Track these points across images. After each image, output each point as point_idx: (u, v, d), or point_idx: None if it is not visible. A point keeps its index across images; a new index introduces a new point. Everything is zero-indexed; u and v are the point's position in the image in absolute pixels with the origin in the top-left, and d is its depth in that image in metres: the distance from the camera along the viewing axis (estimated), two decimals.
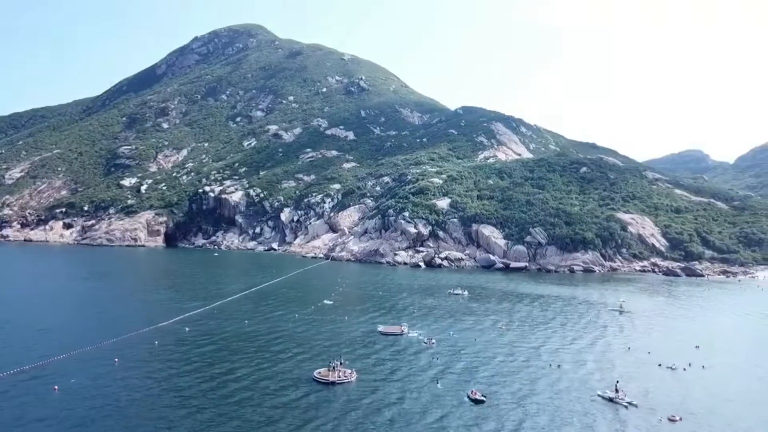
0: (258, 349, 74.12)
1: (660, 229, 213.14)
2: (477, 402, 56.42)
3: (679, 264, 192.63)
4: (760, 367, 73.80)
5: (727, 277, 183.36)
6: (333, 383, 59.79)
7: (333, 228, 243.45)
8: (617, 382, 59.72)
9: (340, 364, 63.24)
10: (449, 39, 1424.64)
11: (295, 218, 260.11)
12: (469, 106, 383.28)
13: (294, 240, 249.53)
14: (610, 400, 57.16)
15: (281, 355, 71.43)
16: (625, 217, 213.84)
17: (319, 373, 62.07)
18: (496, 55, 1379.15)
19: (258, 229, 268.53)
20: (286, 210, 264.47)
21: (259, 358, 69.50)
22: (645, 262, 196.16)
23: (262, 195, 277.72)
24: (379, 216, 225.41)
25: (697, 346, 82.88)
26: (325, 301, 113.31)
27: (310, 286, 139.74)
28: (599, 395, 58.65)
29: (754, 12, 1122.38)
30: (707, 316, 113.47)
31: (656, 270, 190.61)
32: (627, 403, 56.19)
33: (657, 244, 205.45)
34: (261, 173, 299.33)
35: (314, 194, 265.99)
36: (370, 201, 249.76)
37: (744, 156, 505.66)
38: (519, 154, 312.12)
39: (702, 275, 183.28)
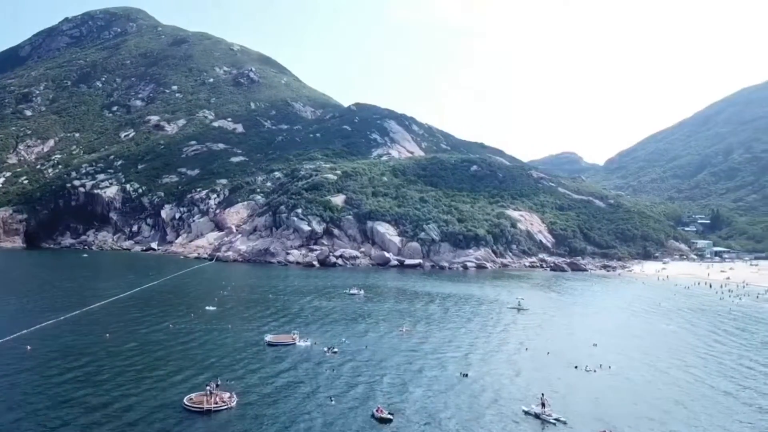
0: (119, 370, 61.88)
1: (546, 226, 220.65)
2: (383, 421, 49.15)
3: (564, 259, 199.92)
4: (661, 364, 72.55)
5: (608, 271, 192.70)
6: (208, 411, 49.64)
7: (219, 226, 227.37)
8: (542, 395, 53.84)
9: (217, 386, 53.11)
10: (341, 35, 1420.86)
11: (177, 215, 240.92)
12: (363, 104, 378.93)
13: (176, 239, 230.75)
14: (537, 416, 51.64)
15: (147, 377, 59.71)
16: (515, 214, 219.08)
17: (191, 399, 51.56)
18: (386, 55, 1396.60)
19: (135, 228, 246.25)
20: (167, 206, 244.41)
21: (119, 382, 57.46)
22: (534, 258, 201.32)
23: (140, 190, 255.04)
24: (270, 213, 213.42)
25: (595, 344, 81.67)
26: (207, 308, 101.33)
27: (191, 290, 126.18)
28: (524, 410, 53.08)
29: (622, 27, 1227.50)
30: (598, 310, 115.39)
31: (544, 265, 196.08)
32: (555, 419, 50.80)
33: (544, 240, 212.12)
34: (140, 167, 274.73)
35: (198, 190, 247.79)
36: (260, 197, 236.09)
37: (612, 159, 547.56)
38: (412, 152, 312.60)
39: (586, 270, 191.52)
